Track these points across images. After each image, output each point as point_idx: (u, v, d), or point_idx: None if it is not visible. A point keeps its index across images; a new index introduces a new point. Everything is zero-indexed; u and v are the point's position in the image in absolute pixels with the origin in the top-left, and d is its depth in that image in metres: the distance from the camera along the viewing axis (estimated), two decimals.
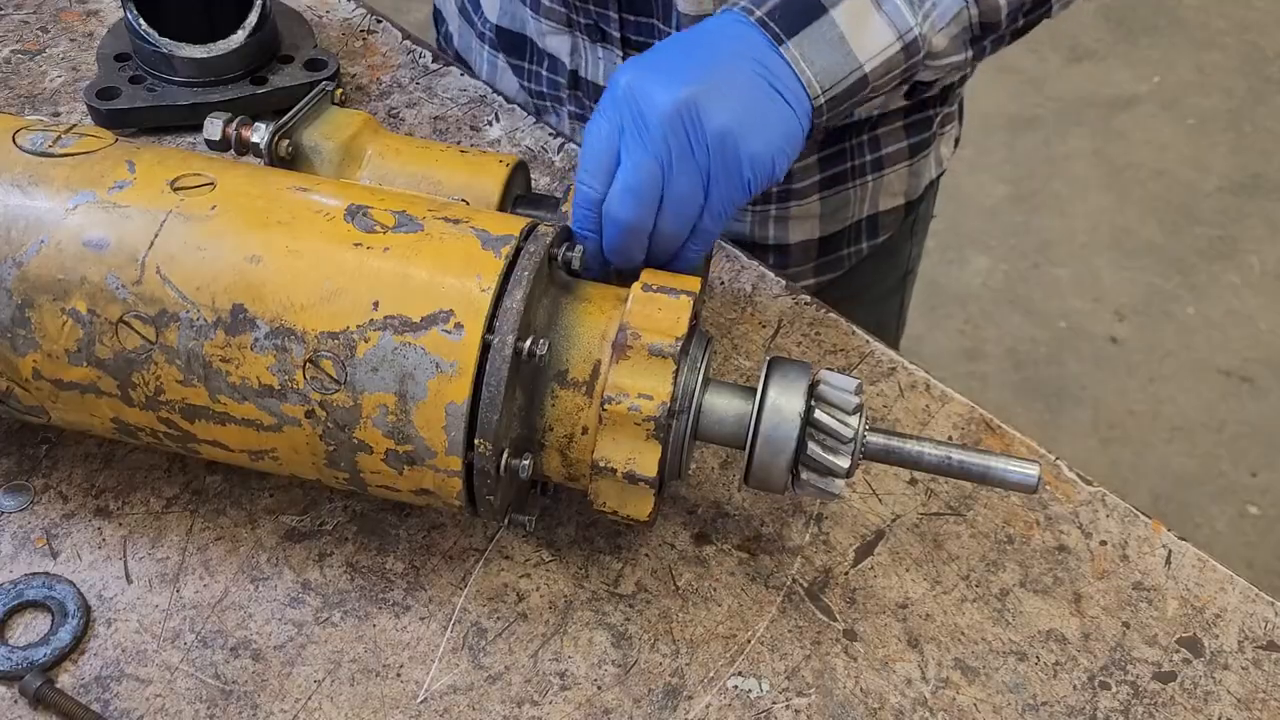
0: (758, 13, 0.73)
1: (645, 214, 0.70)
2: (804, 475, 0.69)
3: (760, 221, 1.10)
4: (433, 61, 1.13)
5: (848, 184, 1.11)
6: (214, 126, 0.79)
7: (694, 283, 0.69)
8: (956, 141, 1.25)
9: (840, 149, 1.08)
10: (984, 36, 0.81)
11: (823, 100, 0.74)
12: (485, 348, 0.63)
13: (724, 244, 0.96)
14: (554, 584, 0.75)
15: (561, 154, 1.05)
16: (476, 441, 0.63)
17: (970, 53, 0.81)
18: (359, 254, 0.64)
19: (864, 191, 1.13)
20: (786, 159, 0.73)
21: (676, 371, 0.66)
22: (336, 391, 0.64)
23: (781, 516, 0.79)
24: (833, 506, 0.80)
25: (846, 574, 0.77)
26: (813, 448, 0.68)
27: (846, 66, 0.74)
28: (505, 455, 0.65)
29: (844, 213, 1.13)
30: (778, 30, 0.73)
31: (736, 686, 0.71)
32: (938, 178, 1.23)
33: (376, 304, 0.63)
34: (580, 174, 0.72)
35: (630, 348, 0.66)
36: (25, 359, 0.67)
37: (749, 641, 0.73)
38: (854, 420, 0.69)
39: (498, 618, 0.73)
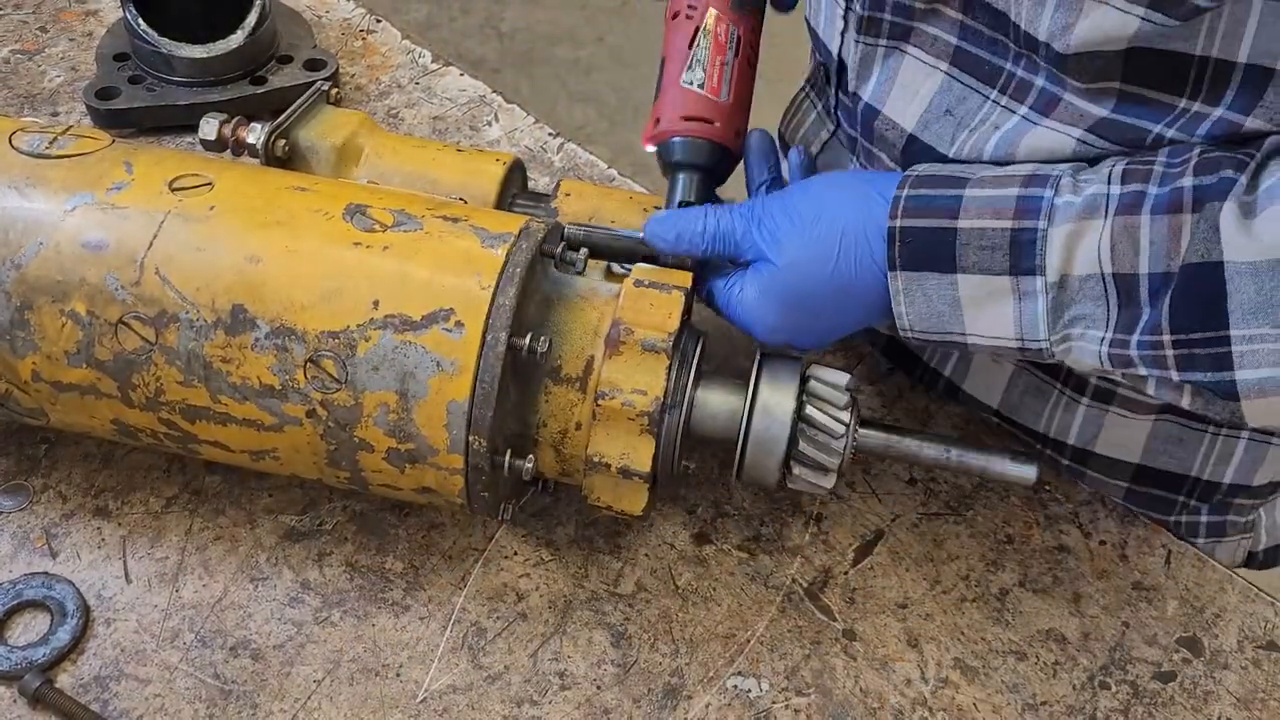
0: (897, 218, 0.64)
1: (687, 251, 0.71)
2: (796, 470, 0.69)
3: None
4: (431, 61, 1.13)
5: None
6: (209, 127, 0.79)
7: (685, 278, 0.69)
8: (1251, 556, 0.91)
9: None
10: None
11: (910, 335, 0.66)
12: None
13: None
14: (554, 584, 0.75)
15: (560, 153, 1.05)
16: (470, 438, 0.63)
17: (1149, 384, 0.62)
18: (358, 253, 0.64)
19: None
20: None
21: (669, 367, 0.66)
22: (337, 391, 0.64)
23: (781, 516, 0.79)
24: (832, 506, 0.80)
25: (846, 574, 0.77)
26: (804, 444, 0.68)
27: (948, 326, 0.64)
28: (508, 454, 0.65)
29: None
30: (896, 257, 0.64)
31: (736, 686, 0.71)
32: None
33: (376, 303, 0.63)
34: (680, 222, 0.71)
35: (623, 343, 0.66)
36: (24, 361, 0.67)
37: (749, 641, 0.73)
38: (845, 415, 0.69)
39: (497, 617, 0.73)
